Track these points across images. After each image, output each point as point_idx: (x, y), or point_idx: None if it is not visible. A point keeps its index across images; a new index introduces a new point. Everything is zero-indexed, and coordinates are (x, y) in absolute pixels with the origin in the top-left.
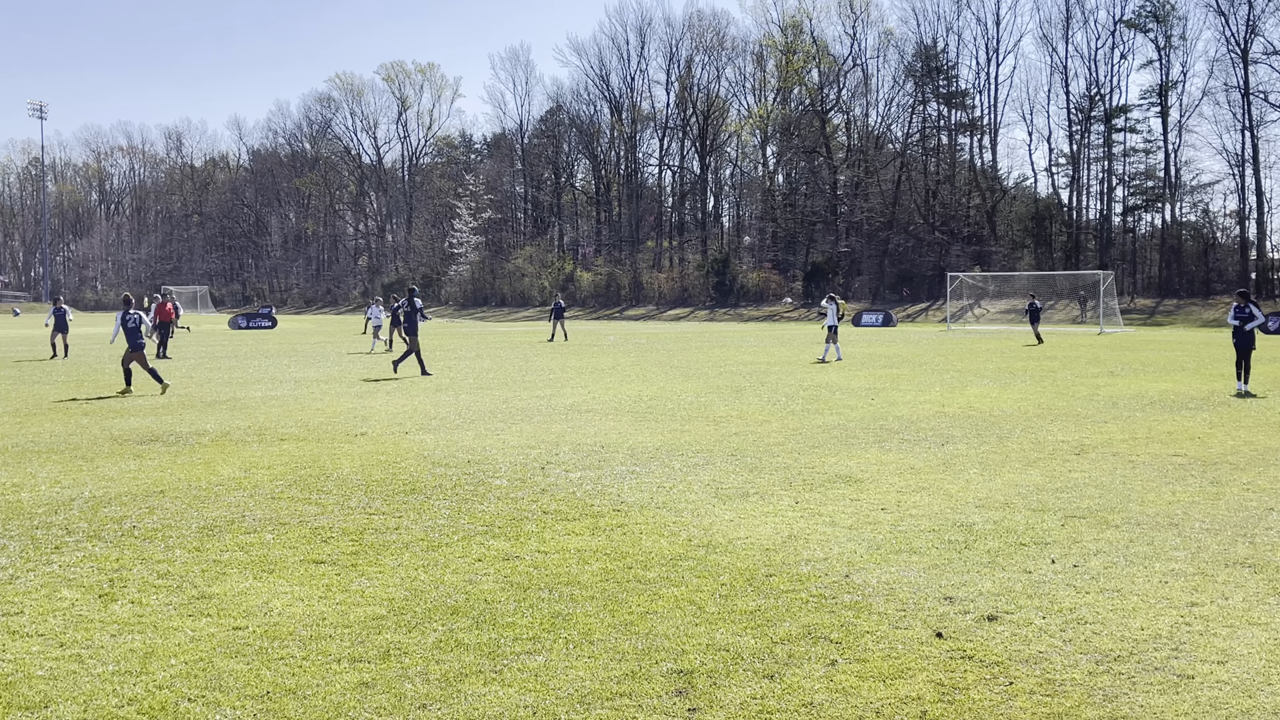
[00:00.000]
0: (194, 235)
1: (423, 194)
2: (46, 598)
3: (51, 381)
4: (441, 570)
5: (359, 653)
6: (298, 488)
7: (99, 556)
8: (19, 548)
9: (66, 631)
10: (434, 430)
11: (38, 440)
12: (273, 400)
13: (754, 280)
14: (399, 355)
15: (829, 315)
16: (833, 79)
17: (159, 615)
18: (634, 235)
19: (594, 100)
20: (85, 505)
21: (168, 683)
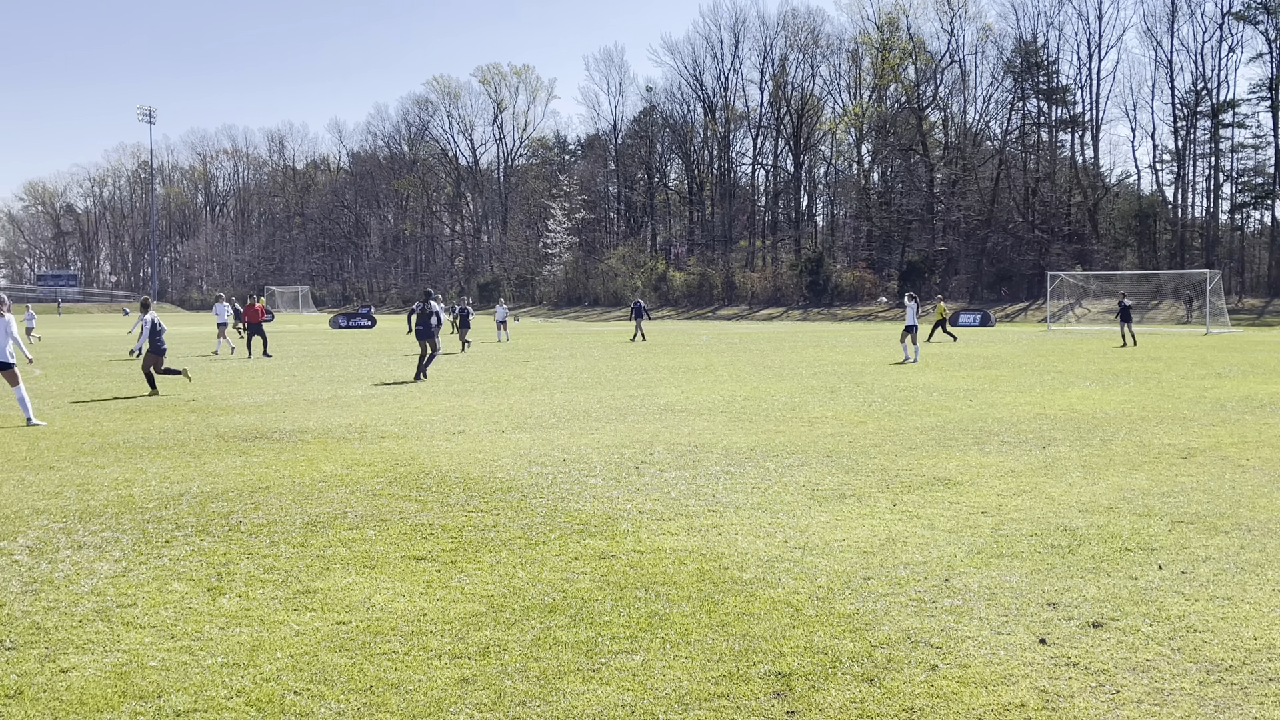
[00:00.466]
0: (295, 236)
1: (517, 195)
2: (158, 590)
3: (159, 379)
4: (539, 568)
5: (459, 649)
6: (398, 485)
7: (207, 551)
8: (131, 541)
9: (177, 624)
10: (530, 429)
11: (147, 436)
12: (372, 399)
13: (848, 279)
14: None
15: (908, 315)
16: (929, 76)
17: (265, 609)
18: (727, 234)
19: (687, 100)
20: (194, 500)
21: (274, 675)
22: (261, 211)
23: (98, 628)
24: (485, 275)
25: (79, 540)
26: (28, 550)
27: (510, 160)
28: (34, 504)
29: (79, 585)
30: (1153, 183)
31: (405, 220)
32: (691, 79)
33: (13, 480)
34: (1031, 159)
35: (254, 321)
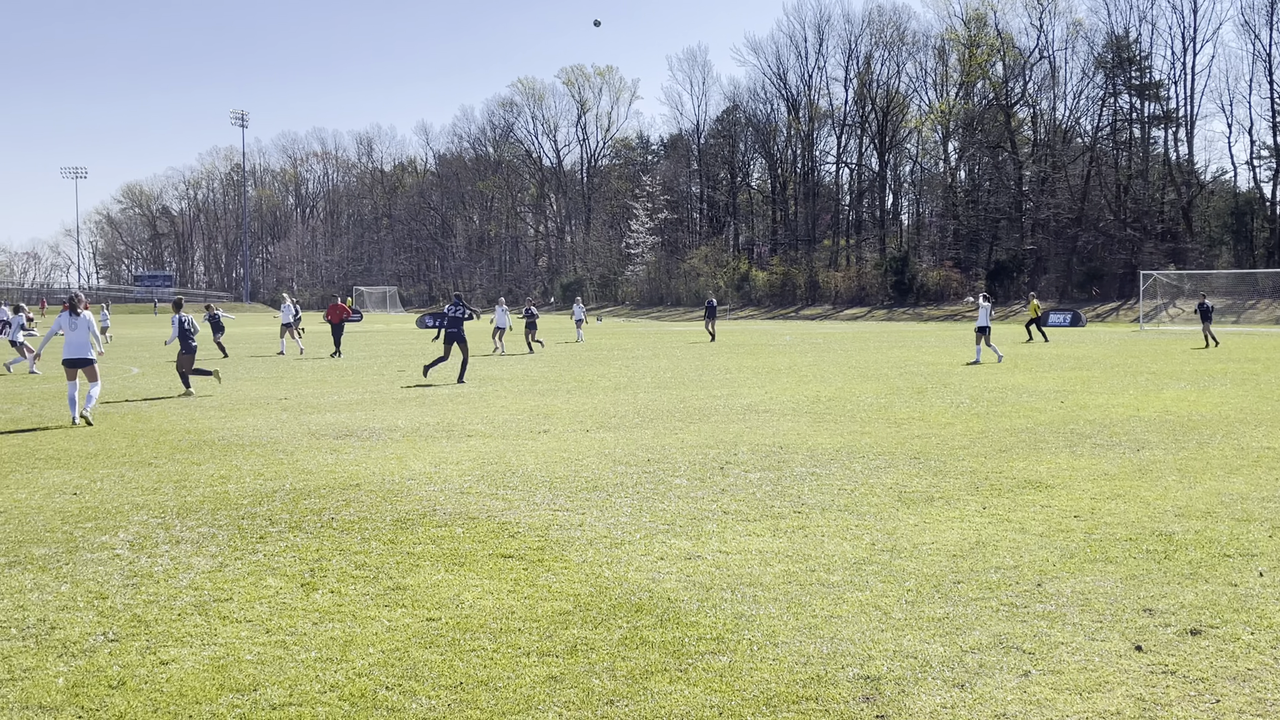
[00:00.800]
0: (383, 237)
1: (600, 195)
2: (253, 585)
3: (252, 378)
4: (625, 567)
5: (547, 647)
6: (485, 483)
7: (300, 547)
8: (227, 537)
9: (272, 618)
10: (614, 428)
11: (241, 434)
12: (459, 398)
13: (934, 279)
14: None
15: (981, 315)
16: (1018, 72)
17: (357, 605)
18: (810, 234)
19: (771, 99)
20: (286, 497)
21: (366, 670)
22: (350, 213)
23: (196, 621)
24: (568, 275)
25: (177, 535)
26: (128, 545)
27: (593, 161)
28: (133, 499)
29: (177, 579)
30: (1250, 179)
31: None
32: (775, 77)
33: (113, 476)
34: (1123, 156)
35: (336, 321)
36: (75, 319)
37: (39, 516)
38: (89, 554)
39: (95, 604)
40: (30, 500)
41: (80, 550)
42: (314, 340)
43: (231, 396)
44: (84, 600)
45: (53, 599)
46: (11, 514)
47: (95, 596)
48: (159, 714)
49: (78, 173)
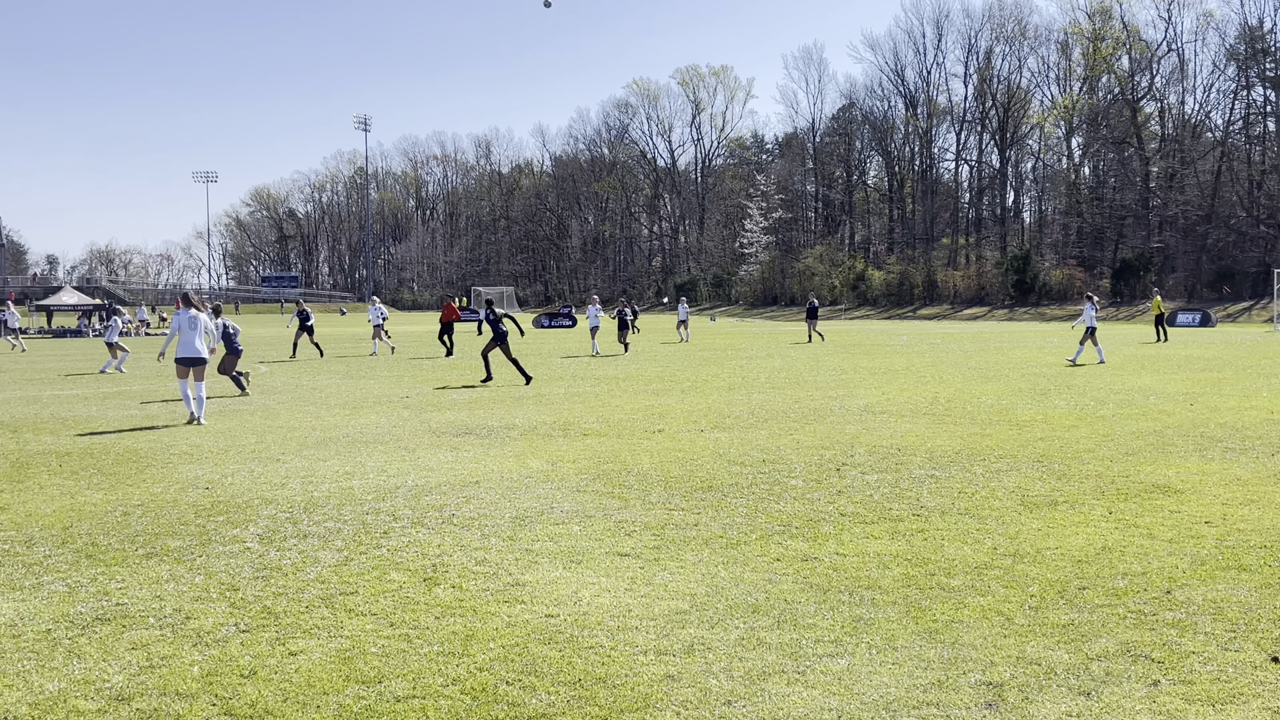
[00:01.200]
0: (501, 239)
1: (714, 195)
2: (377, 579)
3: (375, 376)
4: (741, 568)
5: (664, 646)
6: (601, 482)
7: (422, 542)
8: (352, 532)
9: (395, 612)
10: (728, 429)
11: (365, 431)
12: (574, 397)
13: (1057, 278)
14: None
15: (1084, 315)
16: (1145, 65)
17: (477, 600)
18: (928, 232)
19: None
20: (409, 493)
21: (487, 665)
22: (469, 215)
23: (323, 614)
24: (682, 275)
25: (304, 530)
26: (258, 538)
27: (708, 161)
28: (263, 494)
29: (305, 573)
30: None
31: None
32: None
33: (243, 471)
34: (1257, 150)
35: (448, 321)
36: (191, 318)
37: (174, 510)
38: (221, 547)
39: (227, 595)
40: (165, 494)
41: (213, 543)
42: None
43: (355, 395)
44: (216, 591)
45: (187, 590)
46: (148, 507)
47: (227, 588)
48: (288, 704)
49: (208, 177)
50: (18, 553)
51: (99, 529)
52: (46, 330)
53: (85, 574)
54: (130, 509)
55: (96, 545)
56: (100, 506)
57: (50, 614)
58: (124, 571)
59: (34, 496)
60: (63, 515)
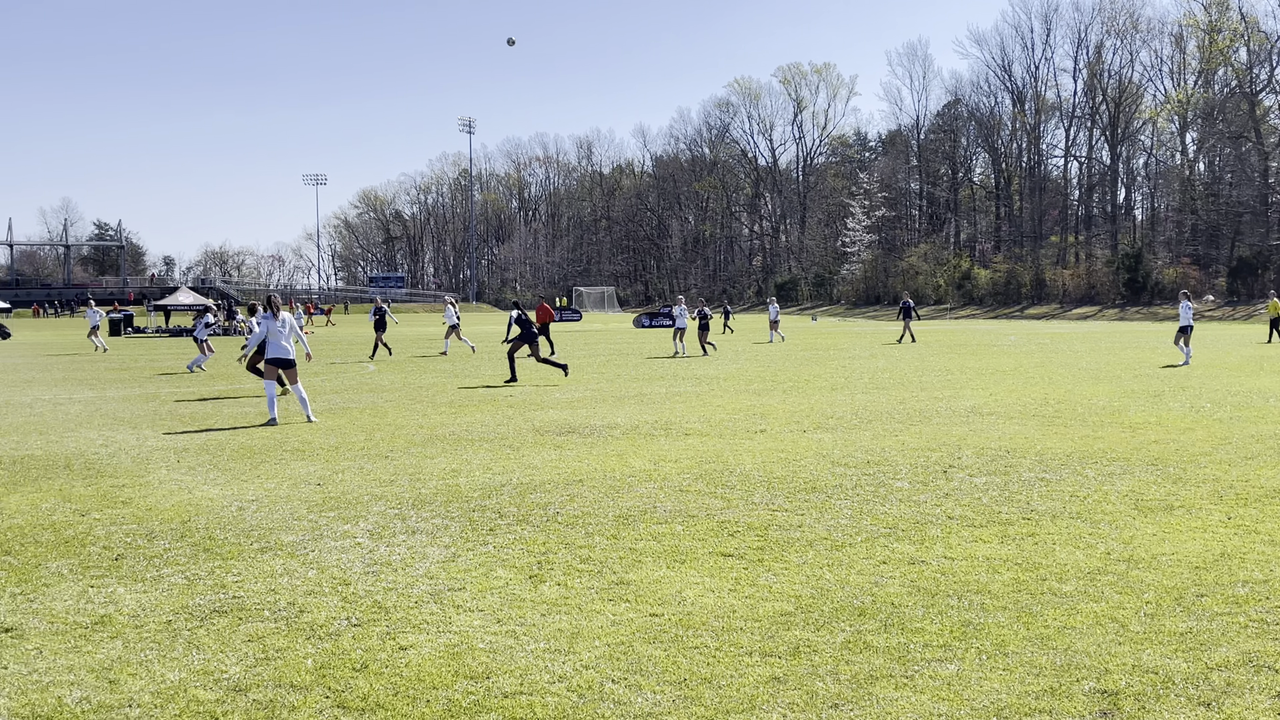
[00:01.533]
0: (602, 239)
1: (816, 194)
2: (484, 576)
3: (479, 375)
4: (846, 570)
5: (769, 647)
6: (703, 481)
7: (527, 540)
8: (459, 528)
9: (502, 609)
10: (831, 429)
11: (470, 429)
12: (676, 396)
13: (1170, 277)
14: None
15: (1183, 315)
16: (1264, 58)
17: (583, 598)
18: (1036, 230)
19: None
20: (514, 491)
21: (593, 663)
22: (570, 215)
23: (431, 609)
24: (783, 275)
25: (412, 526)
26: (368, 534)
27: (809, 159)
28: (372, 491)
29: (414, 568)
30: None
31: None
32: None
33: (353, 468)
34: None
35: (544, 322)
36: (278, 320)
37: (287, 505)
38: (332, 542)
39: (339, 589)
40: (279, 490)
41: (324, 538)
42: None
43: (460, 393)
44: (329, 586)
45: (300, 584)
46: (263, 502)
47: (339, 582)
48: (399, 698)
49: (318, 180)
50: (139, 545)
51: (216, 523)
52: (164, 329)
53: (203, 567)
54: (245, 504)
55: (213, 539)
56: (216, 501)
57: (170, 605)
58: (240, 565)
59: (154, 491)
60: (181, 510)
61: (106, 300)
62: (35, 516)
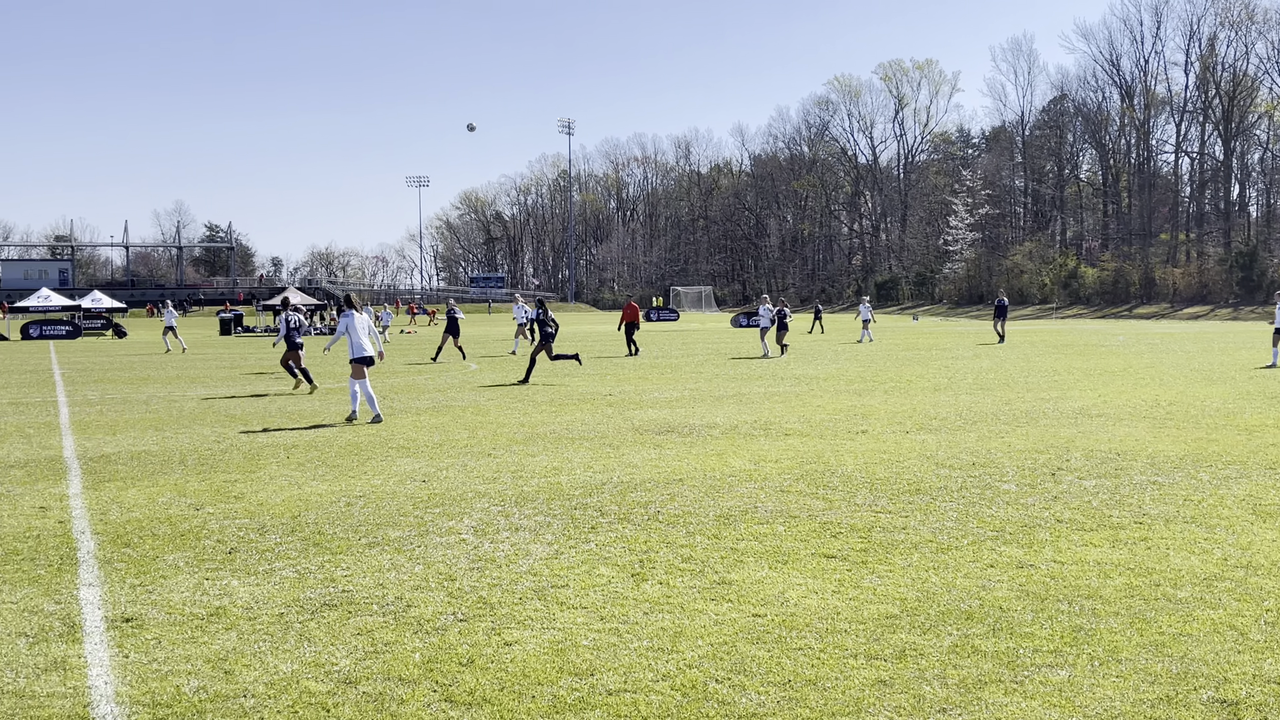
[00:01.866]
0: (699, 238)
1: (917, 192)
2: (586, 574)
3: (578, 375)
4: (952, 573)
5: (874, 650)
6: (804, 482)
7: (629, 538)
8: (561, 526)
9: (605, 606)
10: (935, 430)
11: (571, 428)
12: (775, 396)
13: None
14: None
15: (1278, 316)
16: None
17: (684, 597)
18: (1145, 228)
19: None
20: (614, 489)
21: (696, 662)
22: (668, 215)
23: (535, 606)
24: (883, 274)
25: (515, 523)
26: (472, 530)
27: (910, 156)
28: (476, 488)
29: (517, 565)
30: None
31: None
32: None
33: (456, 465)
34: None
35: (630, 321)
36: (357, 320)
37: (393, 502)
38: (438, 538)
39: (445, 585)
40: (385, 486)
41: (430, 534)
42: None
43: (560, 392)
44: (435, 581)
45: (407, 579)
46: (369, 498)
47: (445, 578)
48: (505, 693)
49: (420, 181)
50: (252, 540)
51: (325, 518)
52: (272, 328)
53: (313, 561)
54: (353, 500)
55: (323, 534)
56: (325, 497)
57: (282, 598)
58: (348, 559)
59: (265, 486)
60: (291, 505)
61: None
62: (152, 510)
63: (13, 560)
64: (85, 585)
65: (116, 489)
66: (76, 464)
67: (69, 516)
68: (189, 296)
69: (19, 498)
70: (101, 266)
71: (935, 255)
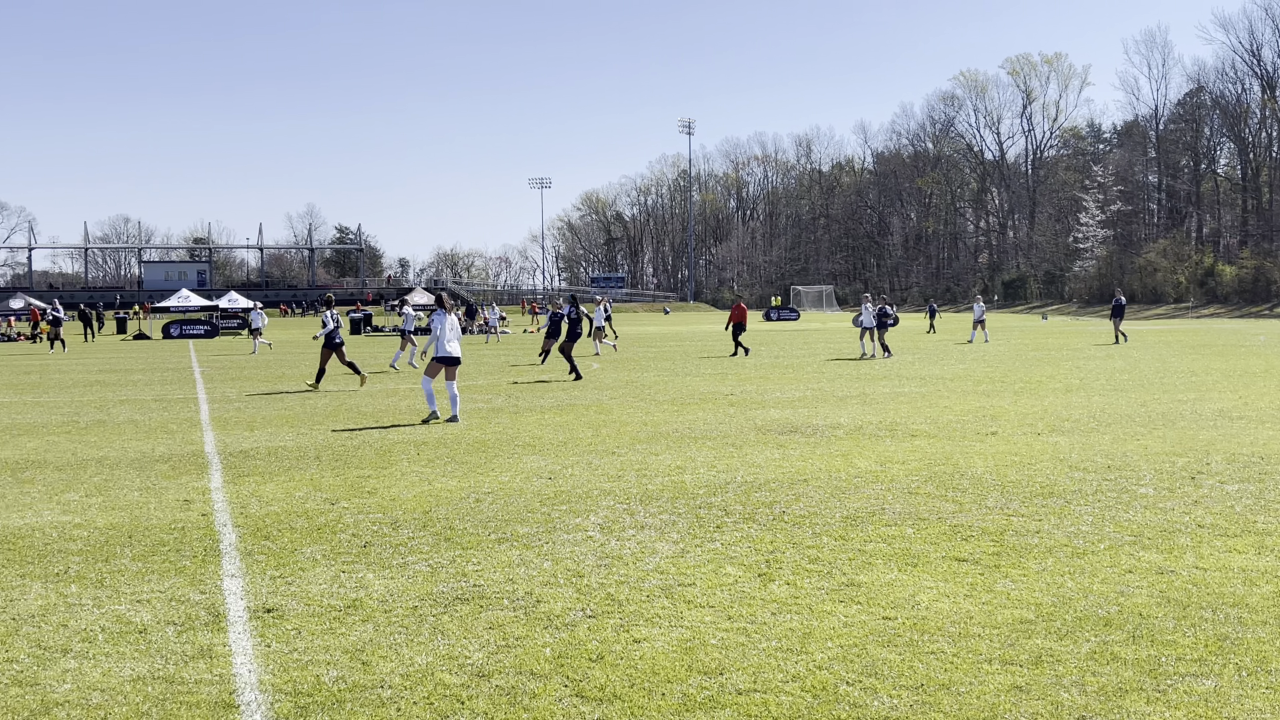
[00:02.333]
0: (820, 237)
1: (1046, 188)
2: (713, 573)
3: (699, 374)
4: (1089, 579)
5: (1009, 655)
6: (933, 484)
7: (754, 538)
8: (686, 525)
9: (732, 606)
10: (1068, 432)
11: (693, 427)
12: (900, 396)
13: None
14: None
15: None
16: None
17: (812, 598)
18: None
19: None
20: (739, 489)
21: (825, 664)
22: (788, 214)
23: (663, 603)
24: (1010, 272)
25: (641, 521)
26: (599, 527)
27: (1039, 152)
28: (601, 485)
29: (644, 562)
30: None
31: (927, 218)
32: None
33: (581, 463)
34: None
35: (738, 321)
36: (448, 320)
37: (520, 498)
38: (565, 534)
39: (573, 581)
40: (512, 483)
41: (557, 531)
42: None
43: (681, 391)
44: (563, 577)
45: (536, 574)
46: (498, 495)
47: (573, 574)
48: (635, 689)
49: (543, 183)
50: (385, 534)
51: (455, 514)
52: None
53: (445, 555)
54: (482, 496)
55: (453, 529)
56: (455, 493)
57: (416, 592)
58: (479, 555)
59: (396, 482)
60: (422, 500)
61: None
62: (290, 504)
63: (160, 551)
64: (228, 576)
65: (255, 483)
66: (217, 459)
67: (211, 510)
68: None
69: (164, 491)
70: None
71: (1064, 253)
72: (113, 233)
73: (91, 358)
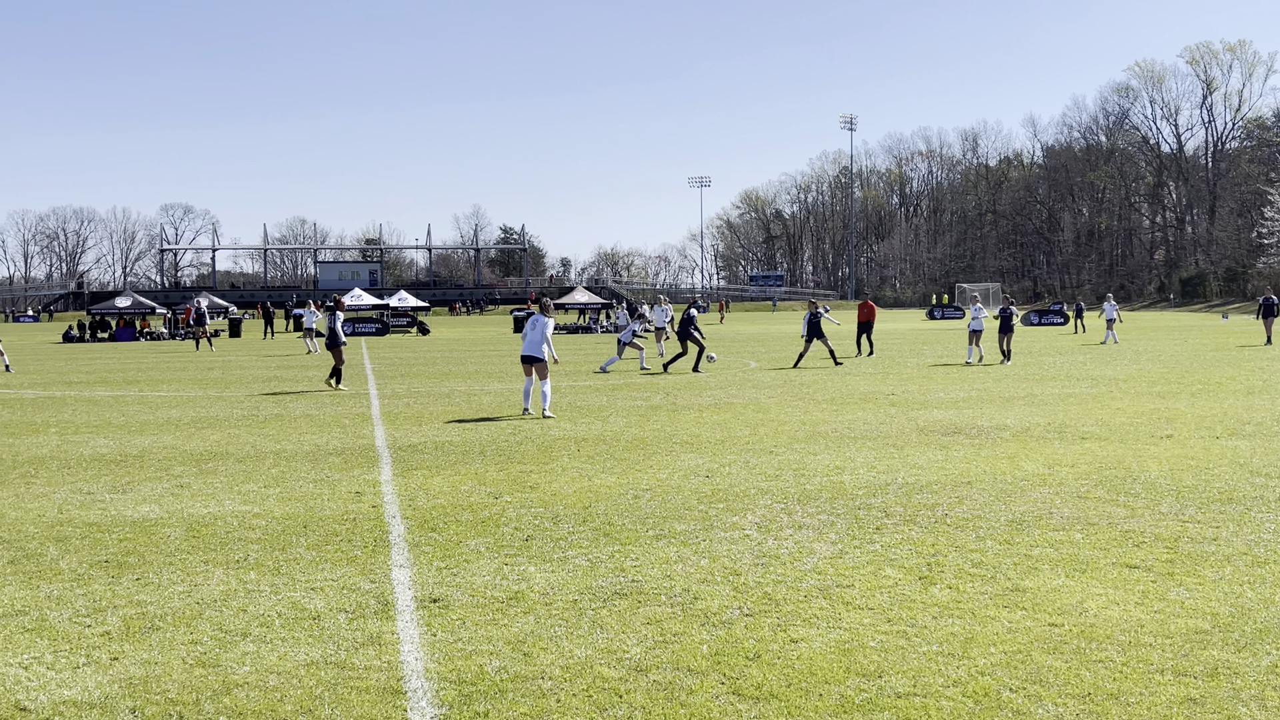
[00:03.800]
0: (986, 234)
1: (1228, 181)
2: (872, 575)
3: (858, 373)
4: (1271, 589)
5: (1183, 666)
6: (1103, 488)
7: (915, 540)
8: (845, 525)
9: (892, 609)
10: (1249, 436)
11: (853, 427)
12: (1070, 398)
13: None
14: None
15: None
16: None
17: (975, 603)
18: None
19: None
20: (899, 490)
21: (988, 670)
22: (953, 210)
23: (820, 604)
24: (1188, 269)
25: (798, 521)
26: (756, 526)
27: (1220, 144)
28: (758, 485)
29: (801, 563)
30: None
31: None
32: None
33: (739, 462)
34: None
35: (865, 320)
36: (536, 321)
37: (678, 496)
38: (722, 532)
39: (730, 579)
40: (670, 480)
41: (714, 528)
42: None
43: (841, 390)
44: (720, 575)
45: (693, 571)
46: (655, 492)
47: (730, 573)
48: (792, 689)
49: (702, 182)
50: (546, 528)
51: (613, 510)
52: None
53: (604, 550)
54: (640, 492)
55: (612, 525)
56: (613, 489)
57: (576, 586)
58: (637, 550)
59: (557, 478)
60: (582, 496)
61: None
62: (455, 498)
63: (332, 541)
64: (397, 566)
65: (423, 477)
66: (387, 452)
67: (381, 502)
68: (485, 296)
69: (337, 483)
70: (406, 268)
71: (1248, 249)
72: (290, 234)
73: (271, 355)
